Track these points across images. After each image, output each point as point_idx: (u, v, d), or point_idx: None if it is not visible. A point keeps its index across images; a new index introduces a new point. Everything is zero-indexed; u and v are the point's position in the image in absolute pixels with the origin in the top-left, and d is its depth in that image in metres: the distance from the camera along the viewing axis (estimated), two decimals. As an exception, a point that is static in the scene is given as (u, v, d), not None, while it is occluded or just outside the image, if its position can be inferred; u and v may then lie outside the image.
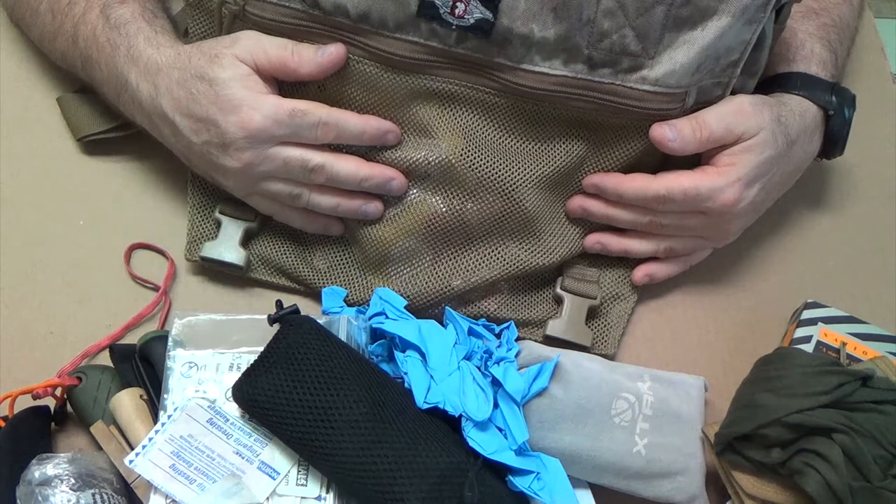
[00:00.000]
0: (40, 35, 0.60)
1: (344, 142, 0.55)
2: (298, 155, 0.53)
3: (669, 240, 0.60)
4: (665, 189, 0.56)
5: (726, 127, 0.55)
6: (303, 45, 0.53)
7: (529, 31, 0.50)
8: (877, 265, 0.66)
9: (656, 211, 0.58)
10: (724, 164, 0.56)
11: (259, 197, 0.57)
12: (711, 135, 0.55)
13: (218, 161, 0.53)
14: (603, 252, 0.61)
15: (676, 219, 0.58)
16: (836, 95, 0.60)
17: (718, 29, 0.50)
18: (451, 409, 0.49)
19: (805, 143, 0.60)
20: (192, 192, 0.60)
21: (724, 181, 0.55)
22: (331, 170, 0.54)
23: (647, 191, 0.56)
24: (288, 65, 0.53)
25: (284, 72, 0.53)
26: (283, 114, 0.52)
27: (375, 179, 0.55)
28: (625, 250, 0.60)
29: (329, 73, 0.54)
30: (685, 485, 0.53)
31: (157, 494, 0.47)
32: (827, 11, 0.66)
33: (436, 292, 0.57)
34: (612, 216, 0.59)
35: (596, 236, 0.60)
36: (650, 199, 0.56)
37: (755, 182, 0.57)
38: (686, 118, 0.55)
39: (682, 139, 0.55)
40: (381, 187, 0.56)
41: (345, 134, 0.54)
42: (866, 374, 0.50)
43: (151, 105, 0.53)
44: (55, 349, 0.57)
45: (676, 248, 0.61)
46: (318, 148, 0.54)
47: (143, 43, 0.54)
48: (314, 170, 0.53)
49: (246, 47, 0.53)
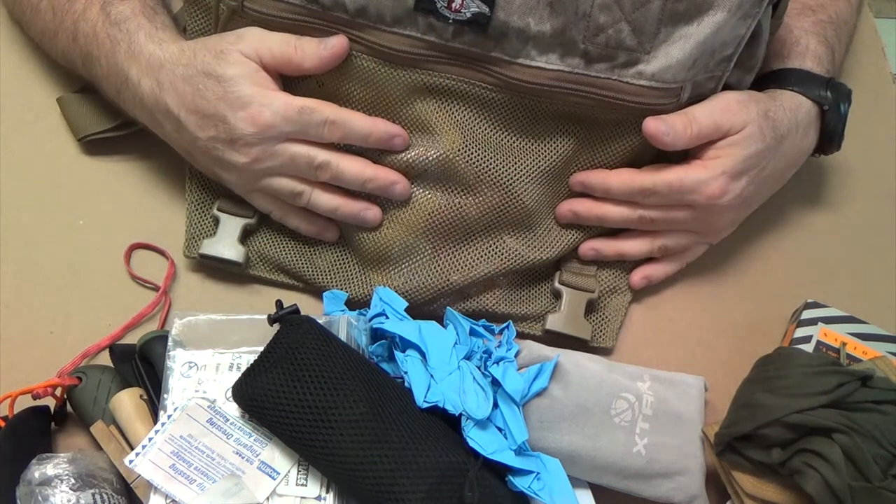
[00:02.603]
0: (41, 32, 0.60)
1: (350, 142, 0.55)
2: (305, 151, 0.53)
3: (661, 237, 0.60)
4: (650, 182, 0.56)
5: (714, 123, 0.56)
6: (305, 39, 0.53)
7: (526, 25, 0.50)
8: (877, 265, 0.66)
9: (644, 205, 0.58)
10: (709, 158, 0.57)
11: (260, 194, 0.57)
12: (701, 130, 0.56)
13: (224, 156, 0.53)
14: (598, 258, 0.61)
15: (664, 212, 0.58)
16: (830, 90, 0.60)
17: (714, 23, 0.51)
18: (451, 407, 0.49)
19: (797, 138, 0.60)
20: (191, 188, 0.60)
21: (709, 174, 0.56)
22: (336, 168, 0.54)
23: (633, 183, 0.57)
24: (292, 59, 0.53)
25: (289, 67, 0.53)
26: (293, 111, 0.52)
27: (379, 181, 0.55)
28: (619, 253, 0.61)
29: (332, 67, 0.54)
30: (685, 485, 0.53)
31: (157, 494, 0.47)
32: (823, 8, 0.66)
33: (435, 287, 0.57)
34: (601, 215, 0.59)
35: (590, 243, 0.61)
36: (636, 191, 0.57)
37: (742, 175, 0.57)
38: (677, 114, 0.56)
39: (675, 134, 0.55)
40: (384, 189, 0.56)
41: (351, 134, 0.54)
42: (866, 374, 0.50)
43: (153, 101, 0.53)
44: (55, 349, 0.57)
45: (669, 246, 0.61)
46: (324, 146, 0.54)
47: (144, 39, 0.54)
48: (320, 166, 0.54)
49: (251, 44, 0.53)
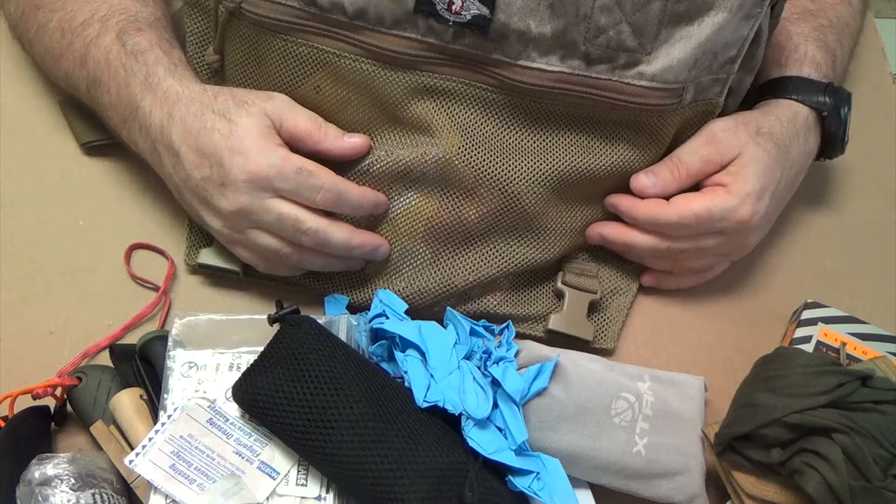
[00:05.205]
0: (44, 52, 0.60)
1: (340, 211, 0.55)
2: (294, 214, 0.53)
3: (684, 257, 0.60)
4: (677, 216, 0.56)
5: (701, 158, 0.57)
6: (330, 125, 0.55)
7: (526, 27, 0.50)
8: (877, 265, 0.66)
9: (672, 237, 0.58)
10: (728, 183, 0.57)
11: (243, 247, 0.56)
12: (689, 170, 0.57)
13: (212, 200, 0.53)
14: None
15: (694, 242, 0.58)
16: (829, 96, 0.60)
17: (715, 24, 0.51)
18: (451, 407, 0.49)
19: (801, 145, 0.60)
20: None
21: (735, 199, 0.56)
22: (323, 236, 0.53)
23: (659, 217, 0.57)
24: (313, 135, 0.54)
25: (307, 142, 0.54)
26: (290, 169, 0.52)
27: (365, 248, 0.56)
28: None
29: (347, 158, 0.55)
30: (685, 485, 0.53)
31: (157, 494, 0.47)
32: (823, 12, 0.66)
33: (436, 291, 0.57)
34: (629, 242, 0.59)
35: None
36: (662, 225, 0.57)
37: (765, 193, 0.57)
38: (662, 161, 0.57)
39: (663, 182, 0.57)
40: (368, 255, 0.56)
41: (343, 205, 0.54)
42: (866, 374, 0.50)
43: (160, 133, 0.53)
44: (55, 349, 0.57)
45: (693, 266, 0.61)
46: (314, 211, 0.53)
47: (164, 73, 0.54)
48: (306, 232, 0.53)
49: (278, 106, 0.53)
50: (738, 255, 0.62)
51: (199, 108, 0.52)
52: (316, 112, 0.55)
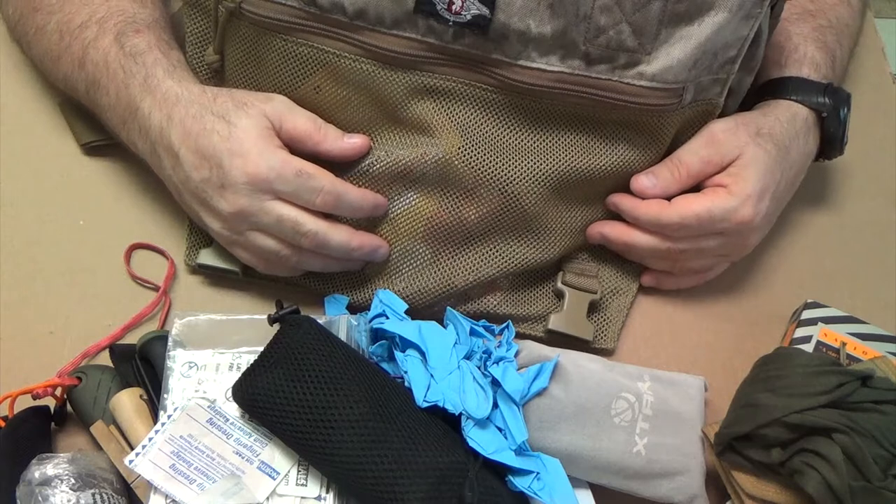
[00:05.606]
0: (42, 54, 0.59)
1: (339, 213, 0.55)
2: (294, 216, 0.53)
3: (685, 257, 0.60)
4: (678, 216, 0.57)
5: (701, 159, 0.57)
6: (330, 126, 0.54)
7: (526, 27, 0.50)
8: (877, 265, 0.66)
9: (674, 238, 0.58)
10: (729, 184, 0.57)
11: (243, 249, 0.56)
12: (689, 171, 0.57)
13: (211, 202, 0.53)
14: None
15: (694, 243, 0.58)
16: (828, 96, 0.60)
17: (715, 24, 0.51)
18: (451, 407, 0.49)
19: (800, 146, 0.60)
20: None
21: (736, 200, 0.56)
22: (322, 238, 0.53)
23: (661, 217, 0.57)
24: (312, 136, 0.54)
25: (306, 143, 0.54)
26: (290, 171, 0.52)
27: (364, 250, 0.56)
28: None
29: (347, 159, 0.55)
30: (685, 485, 0.53)
31: (157, 494, 0.47)
32: (823, 12, 0.66)
33: (436, 291, 0.57)
34: (629, 241, 0.59)
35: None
36: (664, 226, 0.57)
37: (765, 193, 0.57)
38: (663, 162, 0.58)
39: (663, 183, 0.57)
40: (367, 256, 0.56)
41: (342, 207, 0.54)
42: (866, 374, 0.50)
43: (159, 135, 0.53)
44: (55, 349, 0.57)
45: (693, 266, 0.61)
46: (313, 213, 0.53)
47: (163, 74, 0.54)
48: (305, 234, 0.53)
49: (277, 108, 0.53)
50: (739, 256, 0.62)
51: (198, 109, 0.52)
52: (316, 112, 0.55)
